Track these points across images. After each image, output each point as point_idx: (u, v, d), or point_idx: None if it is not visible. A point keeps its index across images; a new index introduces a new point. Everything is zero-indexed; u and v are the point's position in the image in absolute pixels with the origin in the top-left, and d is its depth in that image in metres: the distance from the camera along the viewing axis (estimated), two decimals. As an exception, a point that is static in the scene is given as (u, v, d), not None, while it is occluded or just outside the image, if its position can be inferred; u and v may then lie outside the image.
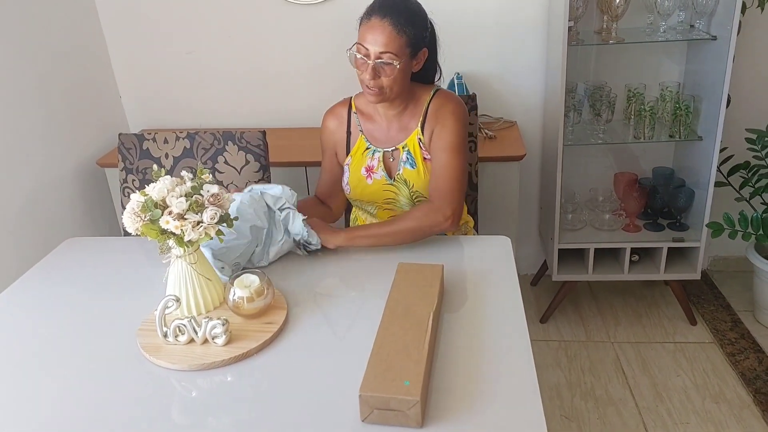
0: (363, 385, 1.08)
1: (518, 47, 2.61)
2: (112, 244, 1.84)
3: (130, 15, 2.69)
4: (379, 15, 1.57)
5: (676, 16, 2.33)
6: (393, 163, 1.77)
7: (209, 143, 2.00)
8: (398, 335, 1.21)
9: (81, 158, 2.55)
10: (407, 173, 1.75)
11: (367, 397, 1.06)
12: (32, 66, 2.29)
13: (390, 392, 1.06)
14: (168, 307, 1.29)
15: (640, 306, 2.81)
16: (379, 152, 1.77)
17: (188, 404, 1.21)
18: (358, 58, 1.61)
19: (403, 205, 1.80)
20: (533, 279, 3.04)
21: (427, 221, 1.63)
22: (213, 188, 1.33)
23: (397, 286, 1.38)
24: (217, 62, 2.74)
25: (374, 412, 1.07)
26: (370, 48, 1.57)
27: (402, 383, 1.08)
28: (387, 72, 1.59)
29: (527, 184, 2.86)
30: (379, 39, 1.56)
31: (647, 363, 2.46)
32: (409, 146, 1.74)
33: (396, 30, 1.56)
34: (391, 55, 1.57)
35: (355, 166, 1.80)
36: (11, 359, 1.33)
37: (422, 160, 1.73)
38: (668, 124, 2.45)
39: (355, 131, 1.80)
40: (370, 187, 1.79)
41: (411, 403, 1.06)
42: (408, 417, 1.07)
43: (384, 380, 1.09)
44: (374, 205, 1.83)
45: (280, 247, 1.58)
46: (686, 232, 2.57)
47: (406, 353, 1.16)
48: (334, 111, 1.84)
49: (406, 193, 1.77)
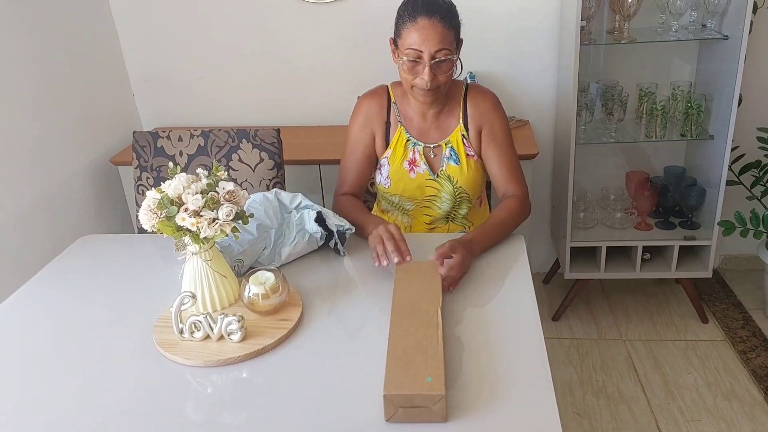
0: (386, 385, 1.08)
1: (531, 46, 2.61)
2: (126, 242, 1.85)
3: (143, 13, 2.71)
4: (425, 15, 1.55)
5: (687, 15, 2.33)
6: (434, 159, 1.77)
7: (223, 141, 2.01)
8: (410, 333, 1.22)
9: (95, 156, 2.58)
10: (451, 169, 1.75)
11: (392, 397, 1.07)
12: (46, 64, 2.31)
13: (414, 389, 1.07)
14: (184, 303, 1.31)
15: (651, 304, 2.81)
16: (420, 146, 1.76)
17: (203, 400, 1.21)
18: (409, 62, 1.59)
19: (444, 202, 1.80)
20: (545, 277, 3.04)
21: (523, 215, 1.70)
22: (228, 185, 1.34)
23: (400, 285, 1.39)
24: (230, 60, 2.76)
25: (399, 411, 1.08)
26: (424, 49, 1.55)
27: (424, 380, 1.09)
28: (444, 69, 1.59)
29: (539, 182, 2.86)
30: (433, 37, 1.54)
31: (659, 361, 2.46)
32: (453, 143, 1.75)
33: (446, 25, 1.55)
34: (446, 51, 1.56)
35: (395, 159, 1.77)
36: (28, 356, 1.34)
37: (465, 156, 1.74)
38: (680, 123, 2.45)
39: (395, 122, 1.77)
40: (414, 181, 1.78)
41: (436, 398, 1.06)
42: (433, 412, 1.07)
43: (406, 378, 1.09)
44: (413, 201, 1.82)
45: (293, 249, 1.57)
46: (697, 231, 2.56)
47: (421, 350, 1.17)
48: (375, 95, 1.79)
49: (449, 189, 1.77)
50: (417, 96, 1.65)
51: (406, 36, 1.57)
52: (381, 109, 1.77)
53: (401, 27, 1.59)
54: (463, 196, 1.79)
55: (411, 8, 1.57)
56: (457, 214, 1.84)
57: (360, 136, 1.80)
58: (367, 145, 1.80)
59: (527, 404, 1.13)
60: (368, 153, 1.81)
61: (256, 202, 1.59)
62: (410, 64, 1.59)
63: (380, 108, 1.77)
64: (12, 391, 1.24)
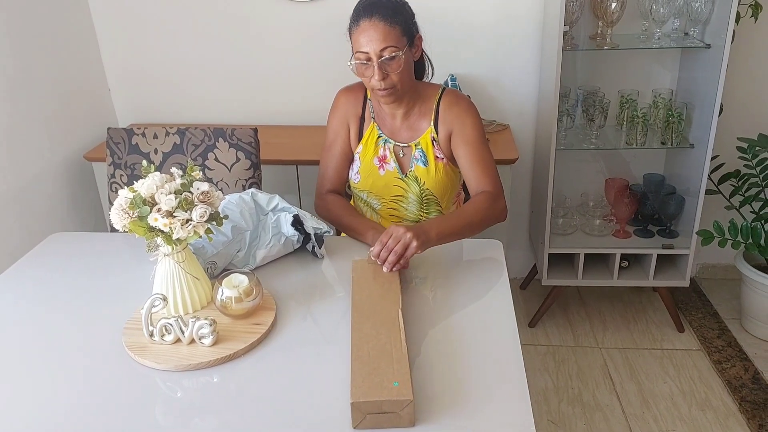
0: (353, 392, 1.06)
1: (513, 50, 2.60)
2: (98, 240, 1.81)
3: (121, 8, 2.65)
4: (366, 16, 1.57)
5: (670, 23, 2.34)
6: (403, 158, 1.77)
7: (200, 139, 1.97)
8: (372, 336, 1.20)
9: (68, 152, 2.52)
10: (419, 171, 1.75)
11: (359, 404, 1.05)
12: (21, 57, 2.25)
13: (382, 395, 1.05)
14: (155, 305, 1.27)
15: (628, 312, 2.82)
16: (390, 143, 1.76)
17: (173, 405, 1.18)
18: (360, 65, 1.60)
19: (411, 203, 1.79)
20: (522, 283, 3.04)
21: (493, 213, 1.65)
22: (203, 186, 1.31)
23: (358, 285, 1.37)
24: (208, 58, 2.71)
25: (367, 418, 1.06)
26: (369, 49, 1.57)
27: (391, 384, 1.07)
28: (393, 66, 1.58)
29: (519, 187, 2.85)
30: (374, 37, 1.55)
31: (635, 369, 2.46)
32: (422, 144, 1.74)
33: (387, 23, 1.56)
34: (391, 48, 1.56)
35: (366, 155, 1.78)
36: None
37: (434, 159, 1.74)
38: (660, 131, 2.45)
39: (368, 117, 1.79)
40: (382, 178, 1.78)
41: (404, 403, 1.05)
42: (401, 418, 1.06)
43: (372, 384, 1.08)
44: (381, 199, 1.82)
45: (268, 251, 1.54)
46: (676, 239, 2.57)
47: (385, 353, 1.15)
48: (352, 89, 1.81)
49: (416, 190, 1.77)
50: (378, 98, 1.67)
51: (354, 41, 1.60)
52: (357, 103, 1.79)
53: (351, 34, 1.62)
54: (431, 198, 1.78)
55: (354, 13, 1.61)
56: (427, 218, 1.83)
57: (339, 130, 1.81)
58: (345, 139, 1.81)
59: (502, 412, 1.11)
60: (346, 148, 1.82)
61: (232, 203, 1.56)
62: (362, 67, 1.61)
63: (356, 102, 1.79)
64: (-29, 394, 1.20)
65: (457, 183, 1.85)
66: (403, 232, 1.44)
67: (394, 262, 1.42)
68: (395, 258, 1.42)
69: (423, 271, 1.55)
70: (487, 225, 1.65)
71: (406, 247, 1.43)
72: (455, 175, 1.80)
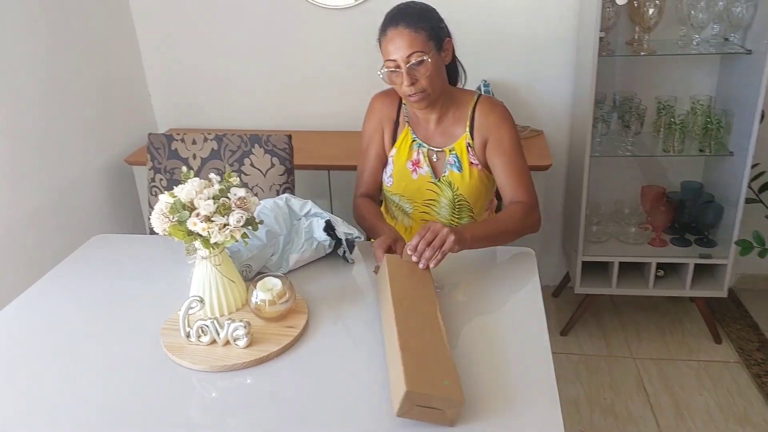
0: (408, 380, 1.04)
1: (548, 56, 2.59)
2: (138, 242, 1.86)
3: (163, 15, 2.72)
4: (392, 26, 1.60)
5: (710, 28, 2.30)
6: (437, 163, 1.78)
7: (236, 145, 2.01)
8: (417, 331, 1.19)
9: (109, 155, 2.59)
10: (453, 176, 1.76)
11: (413, 394, 1.03)
12: (65, 63, 2.32)
13: (435, 390, 1.05)
14: (192, 307, 1.31)
15: (663, 322, 2.77)
16: (424, 147, 1.78)
17: (208, 404, 1.22)
18: (390, 73, 1.63)
19: (443, 207, 1.80)
20: (555, 290, 3.01)
21: (526, 224, 1.65)
22: (240, 191, 1.34)
23: (395, 279, 1.36)
24: (246, 64, 2.76)
25: (413, 409, 1.05)
26: (396, 57, 1.59)
27: (442, 382, 1.07)
28: (421, 71, 1.60)
29: (552, 194, 2.83)
30: (400, 44, 1.58)
31: (669, 381, 2.42)
32: (457, 150, 1.75)
33: (412, 29, 1.58)
34: (418, 54, 1.58)
35: (399, 158, 1.80)
36: (35, 354, 1.35)
37: (468, 165, 1.75)
38: (698, 138, 2.41)
39: (403, 121, 1.81)
40: (415, 182, 1.79)
41: (455, 403, 1.05)
42: (445, 416, 1.06)
43: (426, 377, 1.07)
44: (413, 203, 1.83)
45: (301, 255, 1.57)
46: (714, 249, 2.52)
47: (431, 351, 1.15)
48: (387, 94, 1.83)
49: (449, 195, 1.78)
50: (411, 104, 1.70)
51: (383, 51, 1.63)
52: (392, 107, 1.81)
53: (380, 45, 1.65)
54: (463, 204, 1.79)
55: (381, 25, 1.64)
56: (459, 224, 1.83)
57: (373, 135, 1.84)
58: (380, 143, 1.83)
59: (532, 420, 1.11)
60: (381, 152, 1.84)
61: (267, 208, 1.59)
62: (392, 75, 1.63)
63: (391, 106, 1.81)
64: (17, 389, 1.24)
65: (491, 190, 1.85)
66: (441, 227, 1.45)
67: (429, 257, 1.43)
68: (431, 253, 1.43)
69: (455, 277, 1.55)
70: (520, 235, 1.66)
71: (443, 242, 1.44)
72: (489, 182, 1.80)
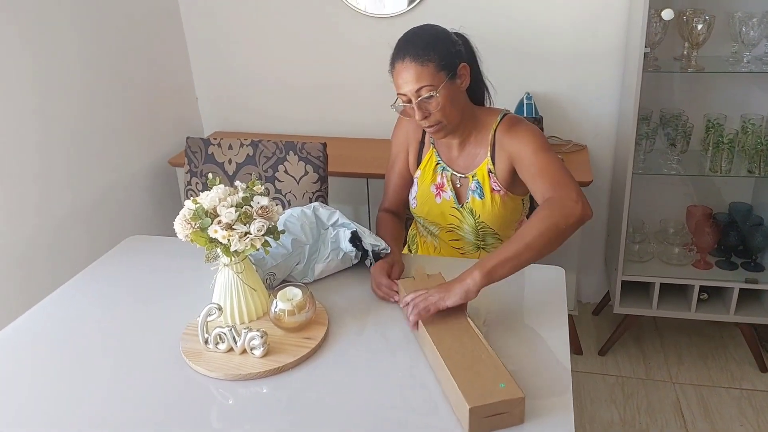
0: (468, 398, 1.08)
1: (593, 70, 2.54)
2: (168, 245, 1.88)
3: (211, 20, 2.78)
4: (399, 59, 1.55)
5: (762, 45, 2.21)
6: (460, 189, 1.74)
7: (271, 152, 2.03)
8: (456, 346, 1.23)
9: (155, 156, 2.65)
10: (474, 203, 1.71)
11: (477, 409, 1.07)
12: (114, 64, 2.39)
13: (495, 396, 1.09)
14: (210, 314, 1.32)
15: (706, 346, 2.67)
16: (448, 171, 1.74)
17: (224, 412, 1.22)
18: (403, 106, 1.59)
19: (467, 233, 1.76)
20: (595, 308, 2.93)
21: (559, 213, 1.42)
22: (263, 200, 1.35)
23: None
24: (290, 70, 2.80)
25: (482, 421, 1.08)
26: (405, 91, 1.55)
27: (498, 386, 1.11)
28: (432, 105, 1.55)
29: (595, 210, 2.72)
30: (408, 79, 1.53)
31: (709, 408, 2.33)
32: (479, 176, 1.69)
33: (418, 62, 1.52)
34: (426, 88, 1.53)
35: (424, 181, 1.77)
36: (57, 354, 1.38)
37: (490, 191, 1.68)
38: (748, 158, 2.32)
39: (428, 143, 1.78)
40: (438, 206, 1.76)
41: (518, 401, 1.09)
42: (513, 416, 1.10)
43: (482, 389, 1.11)
44: (438, 226, 1.80)
45: (326, 265, 1.57)
46: (761, 273, 2.42)
47: (477, 359, 1.18)
48: None
49: (471, 222, 1.73)
50: (429, 134, 1.66)
51: (395, 83, 1.59)
52: (417, 128, 1.76)
53: (391, 76, 1.60)
54: (487, 231, 1.74)
55: (391, 57, 1.59)
56: (486, 245, 1.79)
57: (399, 153, 1.82)
58: (404, 162, 1.81)
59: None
60: (404, 170, 1.82)
61: (294, 216, 1.60)
62: (406, 109, 1.59)
63: (417, 127, 1.74)
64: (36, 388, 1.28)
65: (519, 212, 1.76)
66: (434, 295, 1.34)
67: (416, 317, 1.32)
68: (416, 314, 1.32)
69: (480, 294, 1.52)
70: (560, 232, 1.42)
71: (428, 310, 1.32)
72: (514, 205, 1.73)
